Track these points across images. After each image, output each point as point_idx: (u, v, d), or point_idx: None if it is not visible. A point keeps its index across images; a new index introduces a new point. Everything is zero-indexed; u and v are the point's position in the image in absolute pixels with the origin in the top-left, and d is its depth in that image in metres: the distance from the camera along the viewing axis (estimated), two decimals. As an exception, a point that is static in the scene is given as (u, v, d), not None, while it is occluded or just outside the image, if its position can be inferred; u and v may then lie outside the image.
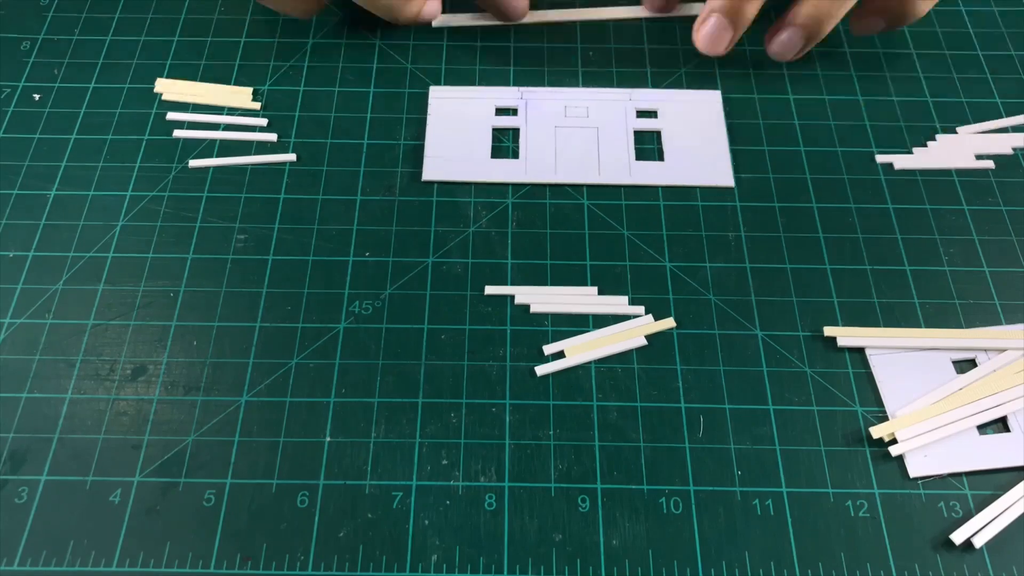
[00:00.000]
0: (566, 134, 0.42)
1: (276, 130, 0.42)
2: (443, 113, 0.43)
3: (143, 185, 0.40)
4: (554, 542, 0.31)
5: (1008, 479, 0.33)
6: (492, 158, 0.41)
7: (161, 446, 0.33)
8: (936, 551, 0.31)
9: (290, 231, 0.39)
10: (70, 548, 0.31)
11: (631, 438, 0.33)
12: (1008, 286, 0.37)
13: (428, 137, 0.42)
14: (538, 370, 0.35)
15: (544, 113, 0.43)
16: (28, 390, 0.35)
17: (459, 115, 0.43)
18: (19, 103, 0.43)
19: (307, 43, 0.46)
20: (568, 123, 0.43)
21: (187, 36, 0.46)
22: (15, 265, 0.38)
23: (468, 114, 0.43)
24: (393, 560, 0.31)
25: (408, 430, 0.34)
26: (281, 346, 0.36)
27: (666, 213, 0.40)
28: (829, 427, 0.34)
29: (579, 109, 0.43)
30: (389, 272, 0.38)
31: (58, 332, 0.36)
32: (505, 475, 0.33)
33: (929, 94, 0.44)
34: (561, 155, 0.41)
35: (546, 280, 0.38)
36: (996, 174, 0.41)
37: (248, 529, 0.31)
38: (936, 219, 0.40)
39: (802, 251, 0.39)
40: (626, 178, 0.40)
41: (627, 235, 0.39)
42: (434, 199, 0.40)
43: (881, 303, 0.37)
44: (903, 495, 0.32)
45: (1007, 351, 0.35)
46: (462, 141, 0.42)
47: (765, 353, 0.36)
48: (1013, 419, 0.34)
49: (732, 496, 0.32)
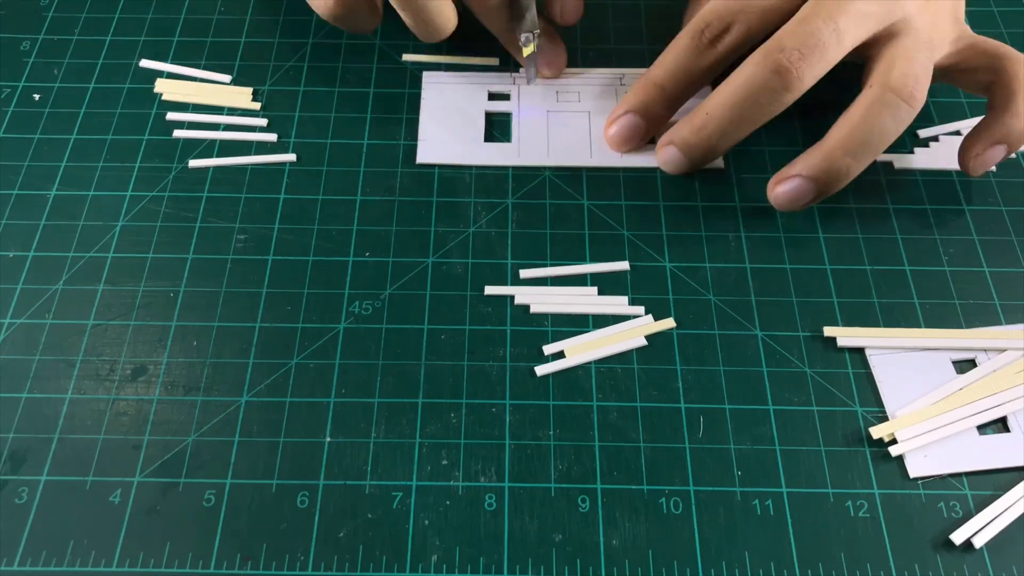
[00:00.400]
0: (558, 118, 0.43)
1: (276, 130, 0.42)
2: (436, 97, 0.43)
3: (143, 185, 0.40)
4: (554, 542, 0.31)
5: (1008, 479, 0.33)
6: (485, 142, 0.42)
7: (161, 446, 0.33)
8: (936, 551, 0.31)
9: (290, 231, 0.39)
10: (70, 548, 0.31)
11: (631, 438, 0.33)
12: (1008, 286, 0.37)
13: (422, 121, 0.42)
14: (538, 370, 0.35)
15: (536, 98, 0.43)
16: (28, 390, 0.35)
17: (452, 99, 0.43)
18: (19, 103, 0.43)
19: (307, 43, 0.46)
20: (560, 108, 0.43)
21: (187, 36, 0.46)
22: (15, 265, 0.38)
23: (461, 99, 0.43)
24: (393, 560, 0.31)
25: (408, 430, 0.34)
26: (281, 346, 0.36)
27: (666, 213, 0.40)
28: (829, 427, 0.34)
29: (571, 95, 0.43)
30: (389, 272, 0.38)
31: (58, 332, 0.36)
32: (505, 475, 0.33)
33: (929, 94, 0.44)
34: (553, 139, 0.42)
35: (546, 280, 0.38)
36: (996, 174, 0.41)
37: (248, 529, 0.31)
38: (936, 219, 0.40)
39: (802, 251, 0.39)
40: (617, 160, 0.41)
41: (627, 235, 0.39)
42: (434, 199, 0.40)
43: (881, 303, 0.37)
44: (903, 495, 0.32)
45: (1007, 351, 0.35)
46: (455, 124, 0.42)
47: (765, 353, 0.36)
48: (1013, 419, 0.34)
49: (732, 496, 0.32)
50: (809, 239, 0.39)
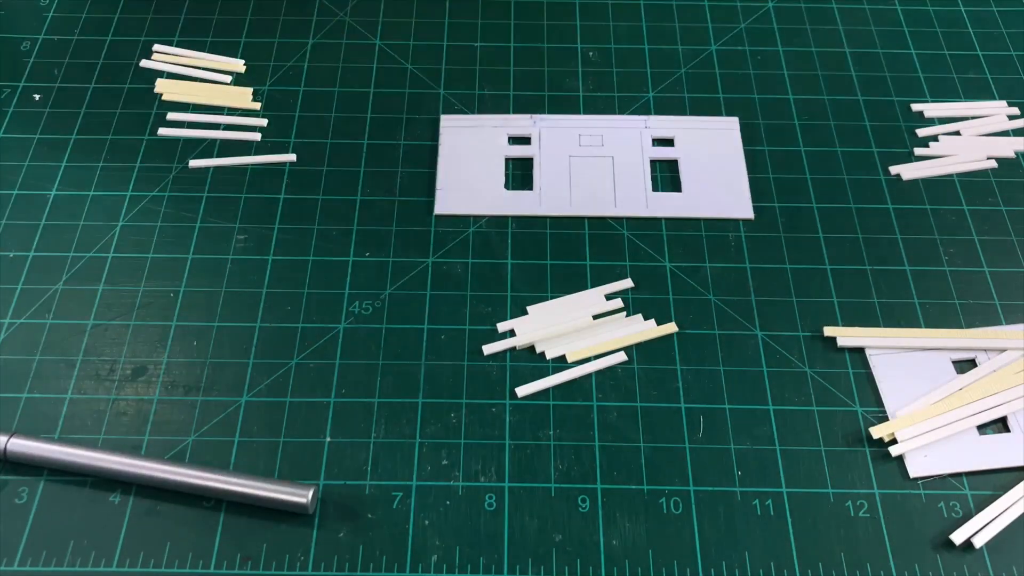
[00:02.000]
0: (581, 164, 0.41)
1: (276, 130, 0.42)
2: (454, 143, 0.42)
3: (143, 185, 0.40)
4: (554, 542, 0.31)
5: (1008, 479, 0.33)
6: (506, 189, 0.40)
7: (161, 446, 0.33)
8: (936, 551, 0.31)
9: (290, 231, 0.39)
10: (70, 548, 0.31)
11: (631, 438, 0.33)
12: (1008, 286, 0.37)
13: (440, 168, 0.41)
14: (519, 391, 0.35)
15: (558, 142, 0.42)
16: (28, 390, 0.35)
17: (471, 145, 0.41)
18: (19, 103, 0.43)
19: (307, 43, 0.46)
20: (582, 152, 0.41)
21: (187, 36, 0.46)
22: (15, 265, 0.38)
23: (480, 144, 0.42)
24: (393, 560, 0.31)
25: (408, 430, 0.34)
26: (281, 346, 0.36)
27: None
28: (829, 427, 0.34)
29: (594, 138, 0.42)
30: (389, 272, 0.38)
31: (58, 332, 0.36)
32: (505, 475, 0.33)
33: (929, 94, 0.44)
34: (576, 186, 0.40)
35: (546, 280, 0.38)
36: (996, 174, 0.41)
37: (248, 529, 0.31)
38: (936, 219, 0.40)
39: (802, 251, 0.39)
40: (643, 210, 0.39)
41: (627, 235, 0.39)
42: (434, 199, 0.40)
43: (881, 303, 0.37)
44: (903, 495, 0.32)
45: (1007, 351, 0.35)
46: (475, 172, 0.41)
47: (765, 353, 0.36)
48: (1013, 419, 0.34)
49: (732, 496, 0.32)
50: (809, 239, 0.39)
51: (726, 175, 0.41)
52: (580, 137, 0.42)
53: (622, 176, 0.40)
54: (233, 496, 0.31)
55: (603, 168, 0.41)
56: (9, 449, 0.32)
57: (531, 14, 0.47)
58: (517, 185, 0.41)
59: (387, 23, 0.47)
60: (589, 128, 0.42)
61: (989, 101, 0.43)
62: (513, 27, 0.47)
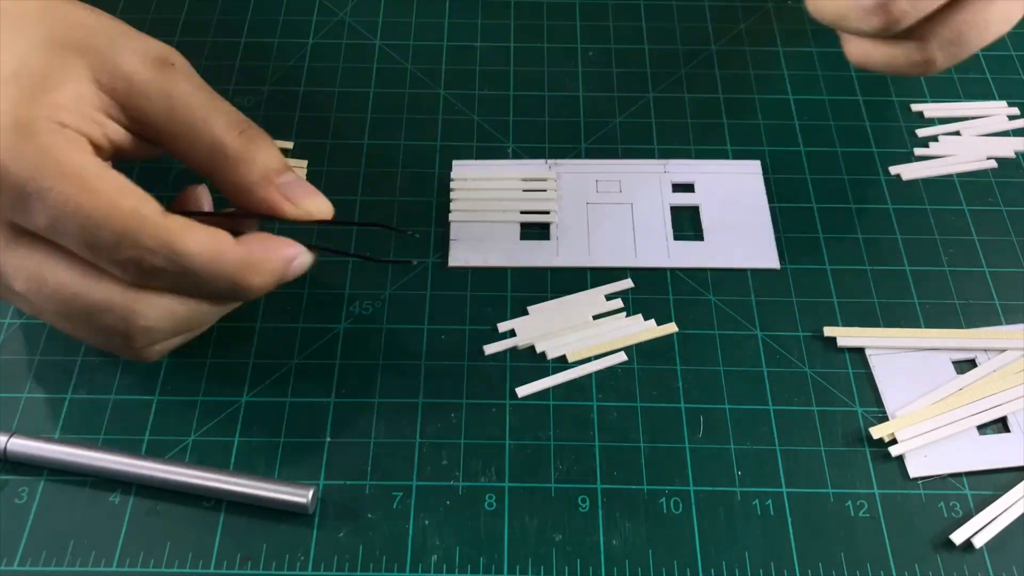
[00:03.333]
0: (599, 211, 0.39)
1: (276, 130, 0.42)
2: (467, 190, 0.40)
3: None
4: (554, 542, 0.31)
5: (1008, 479, 0.33)
6: (521, 240, 0.39)
7: (161, 446, 0.33)
8: (936, 551, 0.31)
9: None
10: (70, 548, 0.31)
11: (631, 438, 0.33)
12: (1008, 286, 0.37)
13: (452, 218, 0.39)
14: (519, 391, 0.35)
15: (575, 188, 0.40)
16: (28, 390, 0.35)
17: (484, 193, 0.40)
18: (19, 103, 0.43)
19: (307, 43, 0.46)
20: (600, 199, 0.40)
21: (187, 36, 0.46)
22: (15, 265, 0.38)
23: (494, 192, 0.40)
24: (393, 560, 0.31)
25: (408, 430, 0.34)
26: (281, 346, 0.36)
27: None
28: (829, 427, 0.34)
29: (611, 184, 0.40)
30: (389, 272, 0.38)
31: (58, 332, 0.36)
32: (505, 475, 0.33)
33: (929, 94, 0.44)
34: (595, 235, 0.39)
35: (546, 279, 0.38)
36: (996, 174, 0.41)
37: (248, 529, 0.31)
38: (936, 219, 0.40)
39: (802, 251, 0.39)
40: (665, 260, 0.38)
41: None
42: (434, 199, 0.40)
43: (881, 303, 0.37)
44: (903, 495, 0.32)
45: (1007, 351, 0.35)
46: (489, 223, 0.39)
47: (765, 353, 0.36)
48: (1013, 419, 0.34)
49: (732, 496, 0.32)
50: (810, 239, 0.39)
51: (750, 222, 0.39)
52: (597, 183, 0.40)
53: (641, 225, 0.39)
54: (233, 496, 0.31)
55: (622, 216, 0.39)
56: (9, 449, 0.32)
57: (531, 14, 0.47)
58: (533, 236, 0.39)
59: (387, 23, 0.47)
60: (606, 173, 0.41)
61: (989, 101, 0.43)
62: (513, 27, 0.47)
